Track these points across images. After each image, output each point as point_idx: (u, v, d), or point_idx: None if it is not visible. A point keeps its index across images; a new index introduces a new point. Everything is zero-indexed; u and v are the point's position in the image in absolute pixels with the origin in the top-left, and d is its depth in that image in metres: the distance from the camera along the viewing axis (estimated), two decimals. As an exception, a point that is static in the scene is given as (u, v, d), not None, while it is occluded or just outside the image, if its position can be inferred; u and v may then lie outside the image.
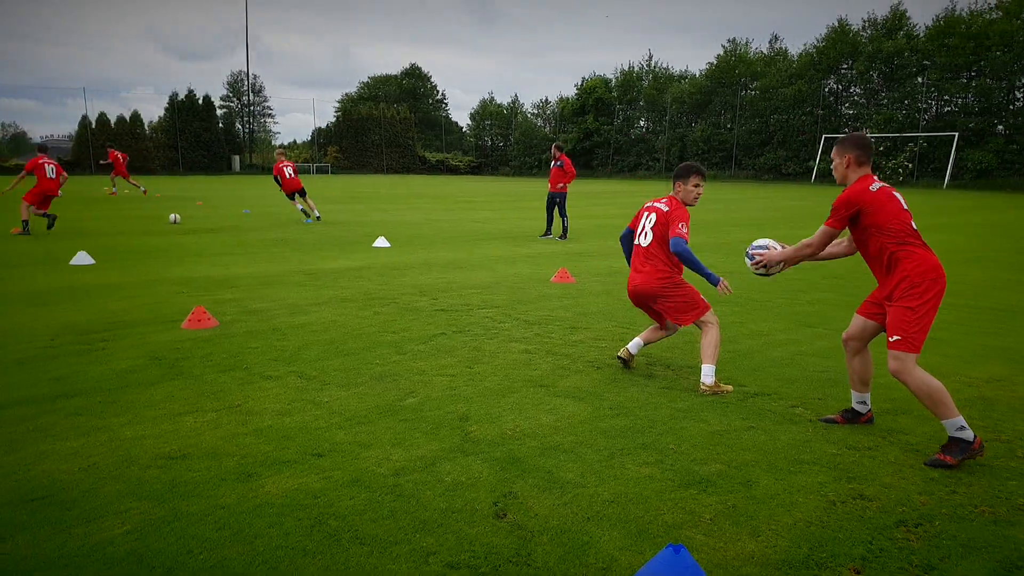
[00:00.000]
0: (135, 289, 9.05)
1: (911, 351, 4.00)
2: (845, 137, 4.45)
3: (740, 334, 6.98)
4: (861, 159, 4.32)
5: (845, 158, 4.35)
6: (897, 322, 4.05)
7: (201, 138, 74.31)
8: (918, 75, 51.20)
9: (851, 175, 4.36)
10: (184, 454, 4.08)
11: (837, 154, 4.42)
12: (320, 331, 6.96)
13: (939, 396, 3.98)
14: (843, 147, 4.39)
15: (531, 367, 5.85)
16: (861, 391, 4.60)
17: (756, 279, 10.10)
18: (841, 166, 4.40)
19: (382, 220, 19.99)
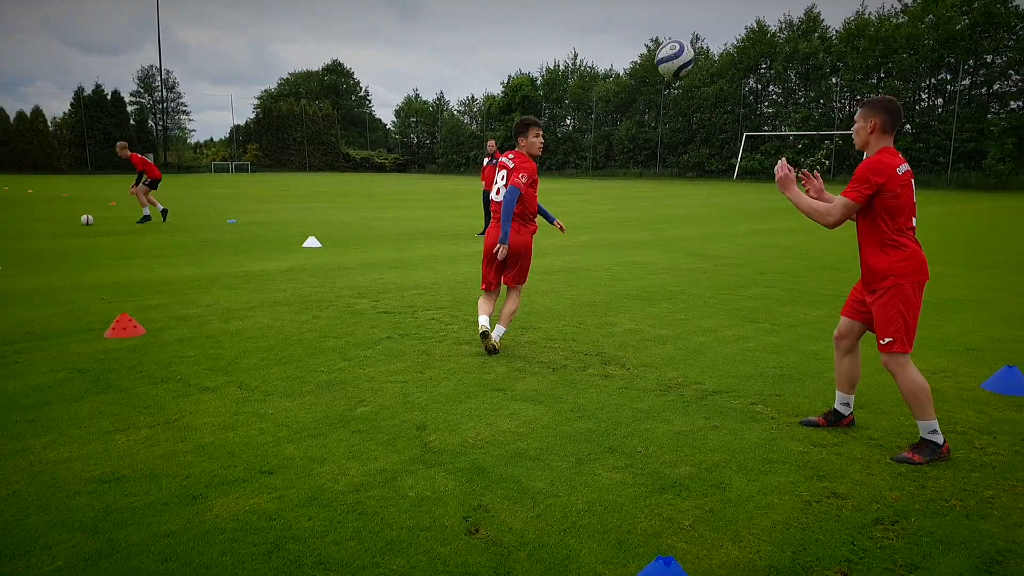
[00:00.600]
0: (50, 295, 8.47)
1: (903, 351, 3.97)
2: (873, 99, 4.10)
3: (689, 331, 6.94)
4: (887, 126, 4.00)
5: (871, 122, 4.01)
6: (887, 323, 3.98)
7: (111, 135, 71.26)
8: (832, 75, 53.00)
9: (874, 143, 4.04)
10: (118, 477, 3.75)
11: (862, 116, 4.07)
12: (257, 337, 6.62)
13: (924, 396, 3.96)
14: (871, 110, 4.04)
15: (485, 370, 5.66)
16: (847, 392, 4.49)
17: (699, 279, 10.14)
18: (864, 130, 4.05)
19: (311, 219, 19.45)
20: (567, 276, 10.09)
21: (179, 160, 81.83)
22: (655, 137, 62.96)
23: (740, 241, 14.66)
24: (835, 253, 12.63)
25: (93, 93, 72.10)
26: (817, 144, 52.04)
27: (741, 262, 11.53)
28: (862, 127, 4.10)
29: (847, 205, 4.02)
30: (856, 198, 3.98)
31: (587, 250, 13.08)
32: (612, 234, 16.01)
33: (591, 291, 8.94)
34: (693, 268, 10.88)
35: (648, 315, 7.60)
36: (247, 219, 19.50)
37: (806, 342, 6.53)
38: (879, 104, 4.07)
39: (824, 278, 9.96)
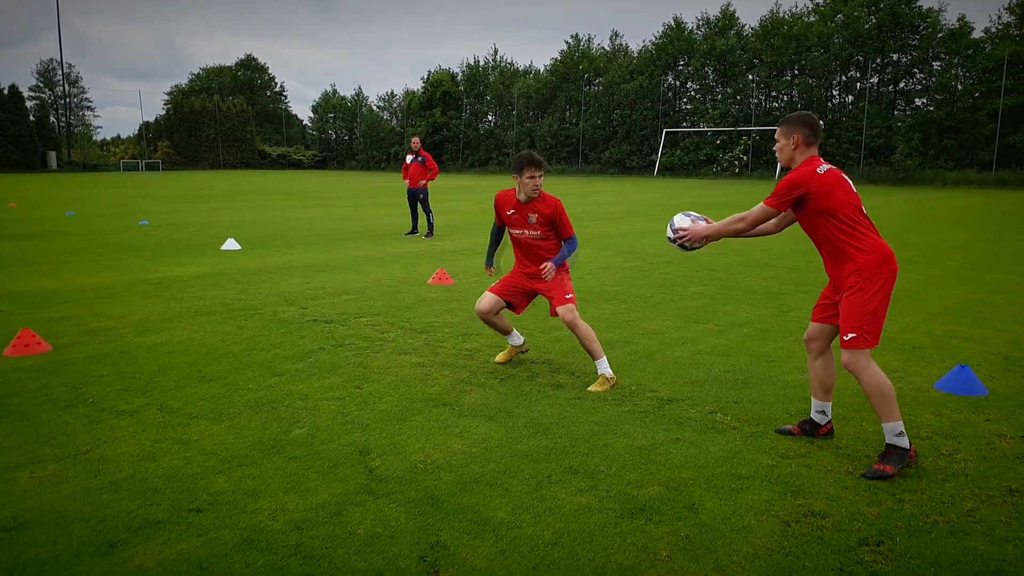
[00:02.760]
0: (-59, 309, 7.72)
1: (867, 347, 3.81)
2: (791, 116, 4.09)
3: (634, 333, 6.75)
4: (809, 139, 4.00)
5: (792, 139, 4.02)
6: (851, 317, 3.83)
7: (8, 132, 67.32)
8: (748, 72, 54.27)
9: (798, 156, 4.04)
10: (21, 523, 3.29)
11: (783, 135, 4.08)
12: (177, 352, 6.11)
13: (889, 395, 3.82)
14: (790, 127, 4.05)
15: (428, 383, 5.33)
16: (822, 399, 4.30)
17: (636, 278, 10.01)
18: (788, 147, 4.05)
19: (228, 220, 18.63)
20: (503, 277, 9.80)
21: (84, 158, 78.13)
22: (576, 134, 63.29)
23: (662, 236, 14.66)
24: (765, 249, 12.72)
25: (-12, 87, 67.91)
26: (735, 140, 53.26)
27: (674, 259, 11.48)
28: (785, 145, 4.10)
29: (763, 210, 4.05)
30: (775, 204, 4.00)
31: (519, 249, 12.82)
32: (542, 232, 15.80)
33: (529, 293, 8.68)
34: (628, 267, 10.76)
35: (591, 317, 7.38)
36: (160, 220, 18.55)
37: (753, 343, 6.42)
38: (797, 120, 4.06)
39: (758, 276, 9.96)
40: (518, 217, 5.56)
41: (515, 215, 5.57)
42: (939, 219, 19.62)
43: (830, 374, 4.28)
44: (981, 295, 8.66)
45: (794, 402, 4.91)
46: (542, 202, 5.52)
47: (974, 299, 8.42)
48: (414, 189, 15.06)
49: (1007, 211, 22.96)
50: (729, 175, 51.58)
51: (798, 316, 7.44)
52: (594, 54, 66.00)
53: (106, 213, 20.87)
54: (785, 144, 4.08)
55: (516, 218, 5.58)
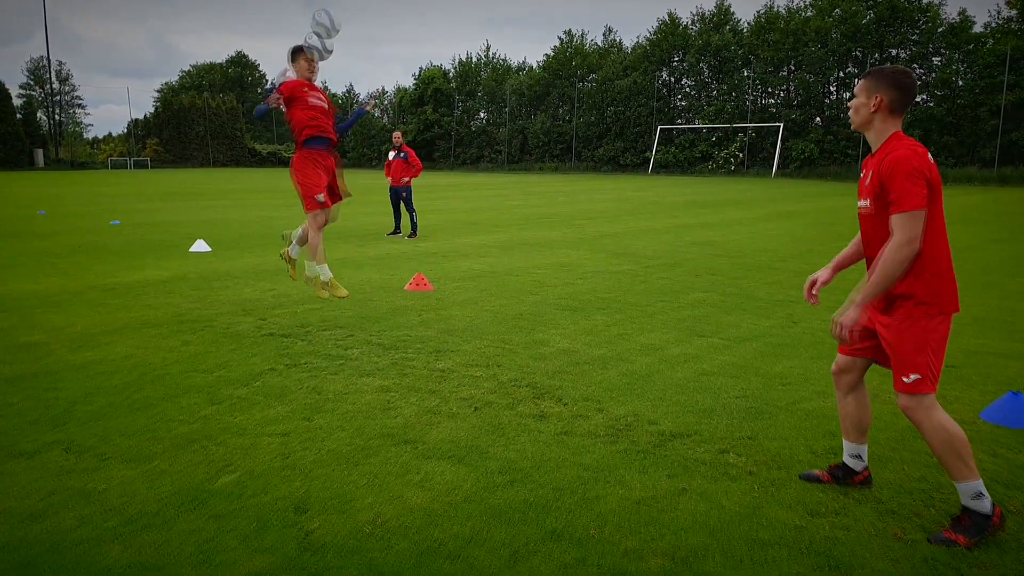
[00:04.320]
0: None
1: (931, 390, 3.05)
2: (881, 69, 3.16)
3: (630, 349, 6.00)
4: (896, 106, 3.09)
5: (875, 99, 3.09)
6: (912, 352, 3.04)
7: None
8: (744, 68, 53.55)
9: (879, 125, 3.12)
10: None
11: (864, 90, 3.16)
12: (109, 372, 5.34)
13: (962, 448, 3.03)
14: (876, 81, 3.11)
15: (390, 413, 4.57)
16: (856, 441, 3.55)
17: (631, 283, 9.26)
18: (866, 108, 3.13)
19: (204, 219, 17.81)
20: (487, 282, 9.05)
21: (72, 156, 77.06)
22: (569, 131, 62.49)
23: (663, 237, 13.92)
24: (767, 251, 12.01)
25: (-26, 85, 66.91)
26: (731, 137, 52.52)
27: (671, 262, 10.74)
28: (863, 104, 3.16)
29: (917, 218, 2.93)
30: (920, 204, 2.93)
31: (508, 251, 12.07)
32: (533, 232, 15.06)
33: (516, 301, 7.93)
34: (622, 270, 10.01)
35: (582, 329, 6.64)
36: (134, 220, 17.74)
37: (765, 361, 5.67)
38: (887, 76, 3.11)
39: (763, 280, 9.22)
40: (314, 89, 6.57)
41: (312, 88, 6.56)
42: (952, 217, 18.92)
43: (865, 412, 3.53)
44: (1008, 302, 7.93)
45: (818, 437, 4.17)
46: None
47: (1002, 307, 7.69)
48: (397, 187, 14.28)
49: (1012, 210, 22.28)
50: (724, 173, 50.86)
51: (811, 328, 6.70)
52: (587, 50, 65.16)
53: (79, 212, 20.04)
54: (864, 103, 3.15)
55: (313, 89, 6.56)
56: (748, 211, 20.68)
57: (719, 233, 14.73)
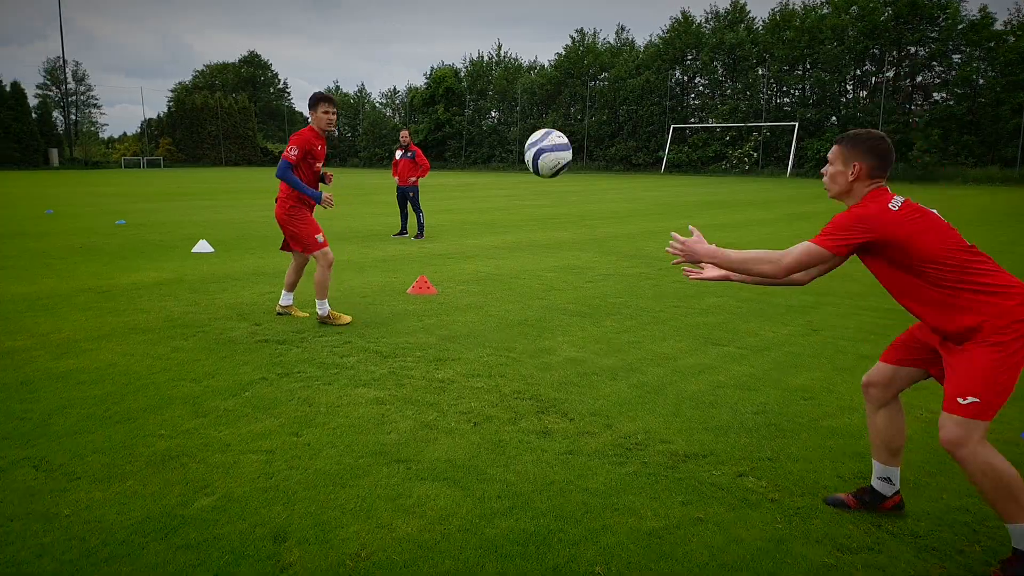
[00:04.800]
0: None
1: (984, 419, 2.70)
2: (855, 134, 3.05)
3: (641, 358, 5.68)
4: (876, 173, 2.98)
5: (852, 167, 2.98)
6: (975, 378, 2.70)
7: (10, 129, 66.59)
8: (759, 66, 52.99)
9: (858, 190, 3.00)
10: None
11: (840, 158, 3.03)
12: (91, 382, 5.07)
13: (1015, 485, 2.69)
14: (853, 149, 3.00)
15: (384, 428, 4.27)
16: (887, 462, 3.23)
17: (642, 287, 8.93)
18: (843, 176, 3.00)
19: (209, 219, 17.59)
20: (493, 286, 8.74)
21: (87, 155, 77.28)
22: (581, 130, 62.08)
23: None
24: (784, 252, 11.63)
25: (-10, 85, 67.17)
26: (744, 136, 51.96)
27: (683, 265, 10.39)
28: (839, 172, 3.03)
29: (810, 251, 2.90)
30: (829, 247, 2.88)
31: (515, 252, 11.76)
32: (542, 233, 14.74)
33: (522, 305, 7.62)
34: (634, 273, 9.68)
35: (591, 337, 6.33)
36: (140, 219, 17.54)
37: (784, 372, 5.34)
38: (862, 142, 3.00)
39: (781, 283, 8.85)
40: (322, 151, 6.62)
41: (322, 150, 6.59)
42: (967, 218, 18.46)
43: (898, 431, 3.21)
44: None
45: (844, 459, 3.85)
46: None
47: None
48: (404, 187, 14.00)
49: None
50: (739, 172, 50.35)
51: (833, 337, 6.37)
52: (599, 49, 64.71)
53: (86, 212, 19.88)
54: (840, 171, 3.02)
55: (322, 152, 6.60)
56: (765, 212, 20.29)
57: (735, 234, 14.37)
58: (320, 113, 6.39)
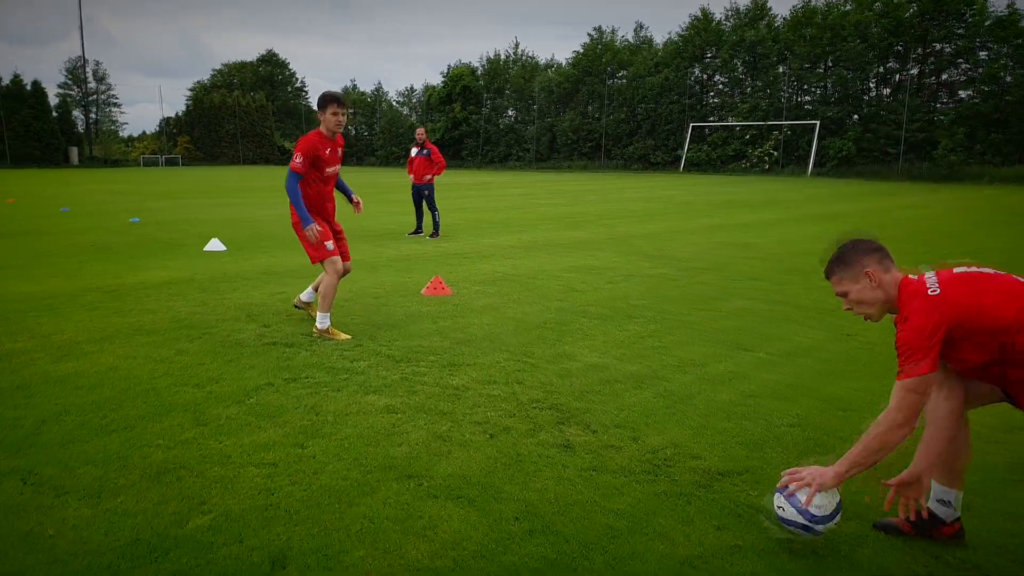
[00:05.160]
0: None
1: None
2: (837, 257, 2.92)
3: (667, 365, 5.38)
4: (885, 262, 2.82)
5: (864, 277, 2.81)
6: None
7: (31, 128, 67.22)
8: (779, 64, 52.33)
9: (888, 288, 2.81)
10: None
11: (848, 281, 2.86)
12: (90, 387, 4.84)
13: None
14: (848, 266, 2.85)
15: (394, 439, 4.01)
16: (947, 483, 2.96)
17: (665, 289, 8.63)
18: (868, 291, 2.82)
19: (223, 218, 17.44)
20: (510, 287, 8.47)
21: (106, 153, 77.85)
22: (599, 128, 61.65)
23: (698, 239, 13.24)
24: (810, 254, 11.29)
25: (12, 84, 67.78)
26: (764, 135, 51.32)
27: (707, 265, 10.09)
28: (860, 292, 2.85)
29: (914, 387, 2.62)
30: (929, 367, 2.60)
31: (533, 252, 11.48)
32: (559, 232, 14.45)
33: (540, 307, 7.34)
34: (656, 274, 9.37)
35: (613, 341, 6.04)
36: (154, 217, 17.43)
37: (819, 381, 5.03)
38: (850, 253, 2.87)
39: (809, 286, 8.52)
40: (332, 154, 6.14)
41: (331, 153, 6.12)
42: (1000, 218, 17.98)
43: (962, 447, 2.92)
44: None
45: (891, 476, 3.53)
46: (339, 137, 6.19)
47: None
48: (419, 185, 13.76)
49: (1065, 210, 21.21)
50: (758, 171, 49.76)
51: (868, 342, 6.04)
52: (618, 46, 64.26)
53: (101, 210, 19.81)
54: (859, 291, 2.84)
55: (332, 156, 6.13)
56: (786, 211, 19.89)
57: (757, 235, 14.01)
58: (328, 115, 5.96)
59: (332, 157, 6.12)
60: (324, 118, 6.00)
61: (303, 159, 5.91)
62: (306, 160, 5.92)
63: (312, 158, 5.96)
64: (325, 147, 6.03)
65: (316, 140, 6.00)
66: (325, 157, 6.03)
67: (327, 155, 6.05)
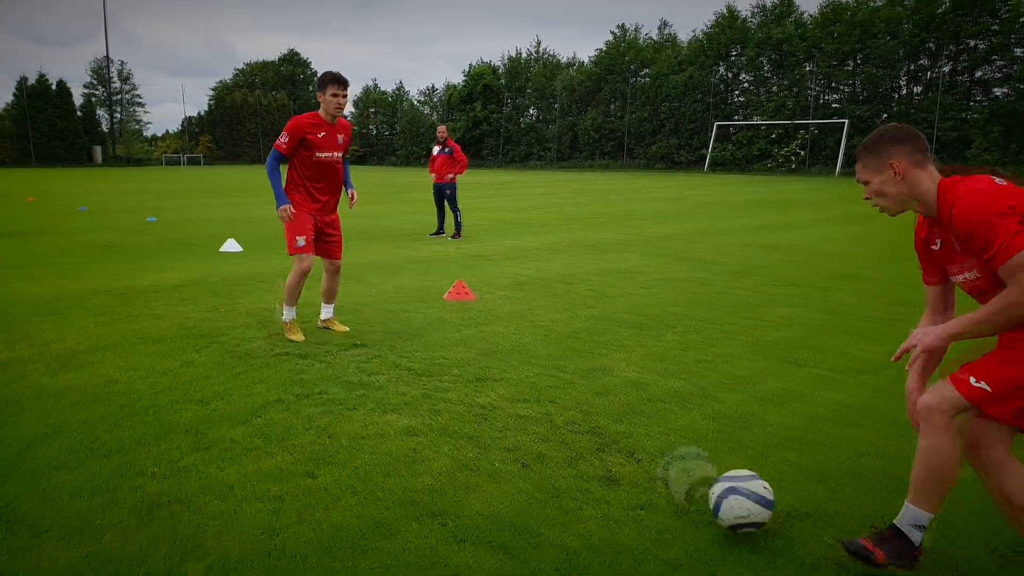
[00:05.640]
0: None
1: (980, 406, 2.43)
2: (868, 141, 2.64)
3: (714, 382, 4.90)
4: (916, 155, 2.53)
5: (891, 168, 2.54)
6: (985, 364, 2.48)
7: (56, 127, 67.84)
8: (806, 62, 51.43)
9: (919, 182, 2.52)
10: None
11: (870, 169, 2.61)
12: (84, 403, 4.45)
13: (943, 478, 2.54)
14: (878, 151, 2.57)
15: (416, 468, 3.57)
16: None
17: (703, 295, 8.14)
18: (889, 182, 2.55)
19: (240, 217, 17.13)
20: (537, 291, 8.01)
21: (129, 153, 78.38)
22: (621, 127, 61.02)
23: (729, 240, 12.71)
24: (850, 257, 10.75)
25: (37, 83, 68.40)
26: (791, 134, 50.44)
27: (743, 268, 9.57)
28: (883, 184, 2.59)
29: None
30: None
31: (558, 254, 11.02)
32: (585, 233, 13.98)
33: (569, 314, 6.88)
34: (691, 278, 8.88)
35: (651, 353, 5.57)
36: (171, 216, 17.16)
37: (890, 402, 4.50)
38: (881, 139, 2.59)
39: (857, 293, 7.99)
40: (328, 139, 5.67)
41: (326, 138, 5.65)
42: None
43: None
44: None
45: (998, 523, 3.04)
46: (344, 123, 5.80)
47: None
48: (440, 184, 13.34)
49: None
50: (785, 171, 48.94)
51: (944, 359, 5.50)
52: (641, 44, 63.61)
53: (119, 208, 19.60)
54: (881, 183, 2.58)
55: (327, 140, 5.66)
56: (818, 212, 19.28)
57: (790, 236, 13.45)
58: (328, 95, 5.54)
59: (327, 142, 5.66)
60: (324, 99, 5.60)
61: (288, 139, 5.56)
62: (291, 140, 5.55)
63: (298, 139, 5.57)
64: (318, 130, 5.62)
65: (306, 121, 5.63)
66: (316, 140, 5.60)
67: (319, 138, 5.62)
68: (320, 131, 5.62)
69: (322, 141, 5.63)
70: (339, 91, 5.57)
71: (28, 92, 67.61)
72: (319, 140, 5.62)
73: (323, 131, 5.63)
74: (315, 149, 5.62)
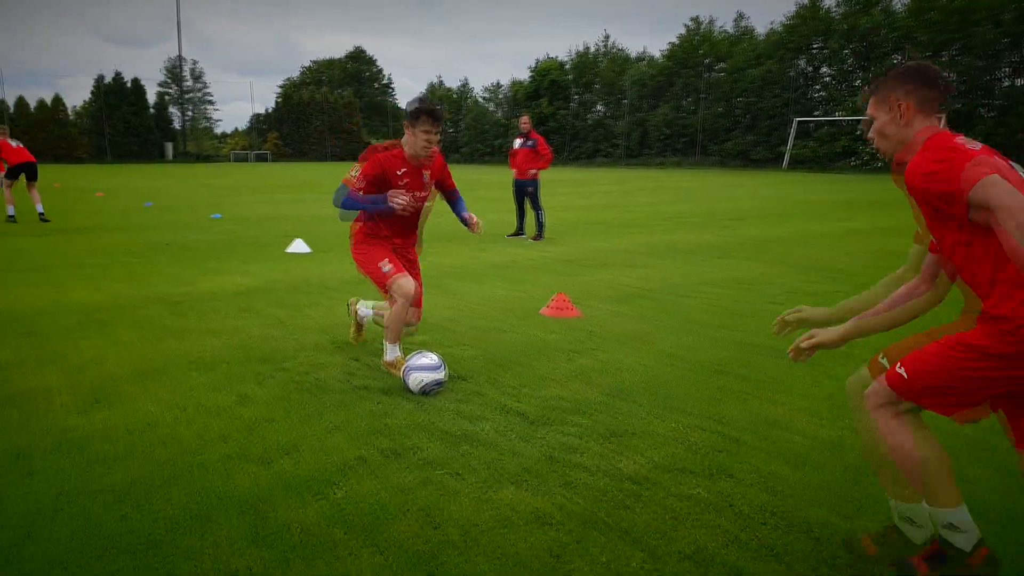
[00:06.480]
0: None
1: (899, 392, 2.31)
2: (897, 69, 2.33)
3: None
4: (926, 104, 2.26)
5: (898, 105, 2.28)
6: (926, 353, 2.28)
7: (130, 124, 69.25)
8: (895, 54, 48.72)
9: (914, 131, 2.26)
10: None
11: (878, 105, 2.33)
12: (114, 459, 3.45)
13: None
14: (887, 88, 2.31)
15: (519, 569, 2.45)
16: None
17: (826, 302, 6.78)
18: (892, 124, 2.30)
19: (307, 215, 16.30)
20: (648, 307, 6.81)
21: (199, 149, 79.64)
22: (694, 123, 58.96)
23: (845, 245, 11.24)
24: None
25: (113, 82, 70.00)
26: (875, 131, 47.82)
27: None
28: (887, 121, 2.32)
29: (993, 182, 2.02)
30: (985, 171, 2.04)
31: (657, 259, 9.79)
32: (677, 235, 12.68)
33: (700, 338, 5.66)
34: (826, 291, 7.56)
35: (834, 399, 4.31)
36: (236, 213, 16.48)
37: None
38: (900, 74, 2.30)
39: None
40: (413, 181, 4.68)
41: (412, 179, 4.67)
42: None
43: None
44: None
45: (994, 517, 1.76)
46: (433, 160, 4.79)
47: None
48: (521, 180, 12.21)
49: None
50: (869, 170, 46.45)
51: None
52: (716, 38, 61.41)
53: (184, 204, 19.06)
54: (887, 120, 2.32)
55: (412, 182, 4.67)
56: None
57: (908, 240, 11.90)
58: (419, 131, 4.50)
59: (412, 184, 4.66)
60: (412, 134, 4.54)
61: (363, 178, 4.54)
62: (367, 180, 4.54)
63: (376, 180, 4.57)
64: (399, 167, 4.61)
65: (387, 160, 4.59)
66: (397, 182, 4.59)
67: (401, 181, 4.60)
68: (402, 169, 4.62)
69: (406, 183, 4.64)
70: (431, 129, 4.53)
71: (105, 90, 69.11)
72: (398, 179, 4.62)
73: (405, 168, 4.63)
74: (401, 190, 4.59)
